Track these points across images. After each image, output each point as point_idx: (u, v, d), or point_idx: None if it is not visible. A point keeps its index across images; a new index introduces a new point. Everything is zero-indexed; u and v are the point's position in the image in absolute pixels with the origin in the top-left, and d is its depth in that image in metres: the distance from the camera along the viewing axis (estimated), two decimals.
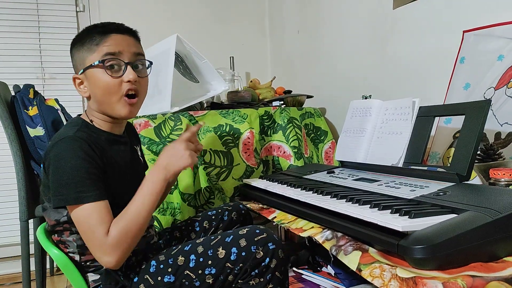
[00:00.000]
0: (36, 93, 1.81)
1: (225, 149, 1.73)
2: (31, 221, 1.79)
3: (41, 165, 1.05)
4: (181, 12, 2.82)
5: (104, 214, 0.95)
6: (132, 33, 1.08)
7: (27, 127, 1.71)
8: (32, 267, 1.83)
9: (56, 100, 1.85)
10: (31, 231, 1.78)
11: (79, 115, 1.12)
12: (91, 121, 1.09)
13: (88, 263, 1.05)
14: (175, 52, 1.69)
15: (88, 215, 0.94)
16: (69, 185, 0.94)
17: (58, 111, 1.79)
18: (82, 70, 1.05)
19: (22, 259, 1.77)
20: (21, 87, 1.80)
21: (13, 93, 1.79)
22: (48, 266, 2.22)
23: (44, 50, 2.55)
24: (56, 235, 1.07)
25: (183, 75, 1.80)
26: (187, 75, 1.84)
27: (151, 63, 1.12)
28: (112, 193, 1.02)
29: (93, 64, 1.02)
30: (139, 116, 1.66)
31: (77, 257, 1.05)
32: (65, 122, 1.78)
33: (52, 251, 1.05)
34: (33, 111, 1.72)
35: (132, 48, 1.06)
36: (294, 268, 1.57)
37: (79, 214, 0.95)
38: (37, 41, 2.53)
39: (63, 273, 1.07)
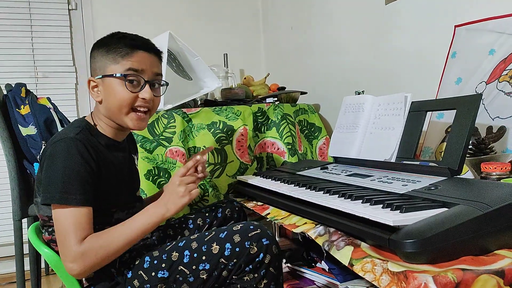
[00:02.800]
0: (28, 92, 1.80)
1: (219, 146, 1.72)
2: (24, 220, 1.79)
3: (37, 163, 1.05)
4: (174, 9, 2.81)
5: (83, 220, 0.96)
6: (157, 53, 1.11)
7: (19, 126, 1.70)
8: (27, 267, 1.82)
9: (48, 99, 1.84)
10: (24, 231, 1.78)
11: (84, 116, 1.13)
12: (95, 124, 1.10)
13: None
14: (168, 49, 1.69)
15: (67, 218, 0.95)
16: (57, 184, 0.95)
17: (51, 109, 1.78)
18: (101, 76, 1.06)
19: (16, 259, 1.77)
20: (13, 86, 1.79)
21: (5, 92, 1.78)
22: (43, 265, 2.21)
23: (36, 49, 2.53)
24: (47, 233, 1.07)
25: (176, 73, 1.79)
26: (180, 72, 1.83)
27: (167, 83, 1.16)
28: (106, 198, 1.03)
29: (114, 75, 1.04)
30: None
31: None
32: (57, 121, 1.77)
33: (43, 250, 1.05)
34: (25, 110, 1.71)
35: (154, 68, 1.09)
36: (289, 264, 1.57)
37: (59, 214, 0.96)
38: (30, 40, 2.52)
39: None
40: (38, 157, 1.70)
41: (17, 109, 1.71)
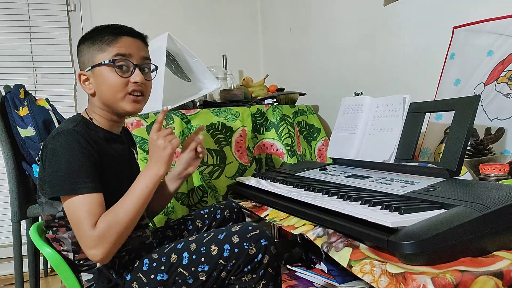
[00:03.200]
0: (26, 93, 1.79)
1: (218, 148, 1.72)
2: (23, 222, 1.78)
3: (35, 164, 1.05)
4: (173, 11, 2.81)
5: (95, 206, 0.96)
6: (142, 38, 1.13)
7: (18, 127, 1.70)
8: (26, 269, 1.82)
9: (47, 100, 1.84)
10: (23, 232, 1.77)
11: (78, 113, 1.13)
12: (91, 118, 1.11)
13: (81, 262, 1.05)
14: (166, 50, 1.69)
15: (79, 206, 0.95)
16: (64, 177, 0.95)
17: (49, 111, 1.78)
18: (90, 67, 1.07)
19: (15, 261, 1.76)
20: (12, 87, 1.78)
21: (3, 94, 1.78)
22: (42, 267, 2.21)
23: (35, 50, 2.53)
24: (51, 232, 1.07)
25: (175, 74, 1.79)
26: (179, 73, 1.83)
27: (156, 67, 1.16)
28: (109, 190, 1.02)
29: (103, 63, 1.05)
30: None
31: (71, 256, 1.05)
32: (56, 122, 1.77)
33: (45, 250, 1.05)
34: (23, 111, 1.70)
35: (141, 52, 1.10)
36: (288, 266, 1.57)
37: (71, 204, 0.96)
38: (28, 41, 2.52)
39: (57, 274, 1.06)
40: (36, 158, 1.69)
41: (15, 111, 1.71)
